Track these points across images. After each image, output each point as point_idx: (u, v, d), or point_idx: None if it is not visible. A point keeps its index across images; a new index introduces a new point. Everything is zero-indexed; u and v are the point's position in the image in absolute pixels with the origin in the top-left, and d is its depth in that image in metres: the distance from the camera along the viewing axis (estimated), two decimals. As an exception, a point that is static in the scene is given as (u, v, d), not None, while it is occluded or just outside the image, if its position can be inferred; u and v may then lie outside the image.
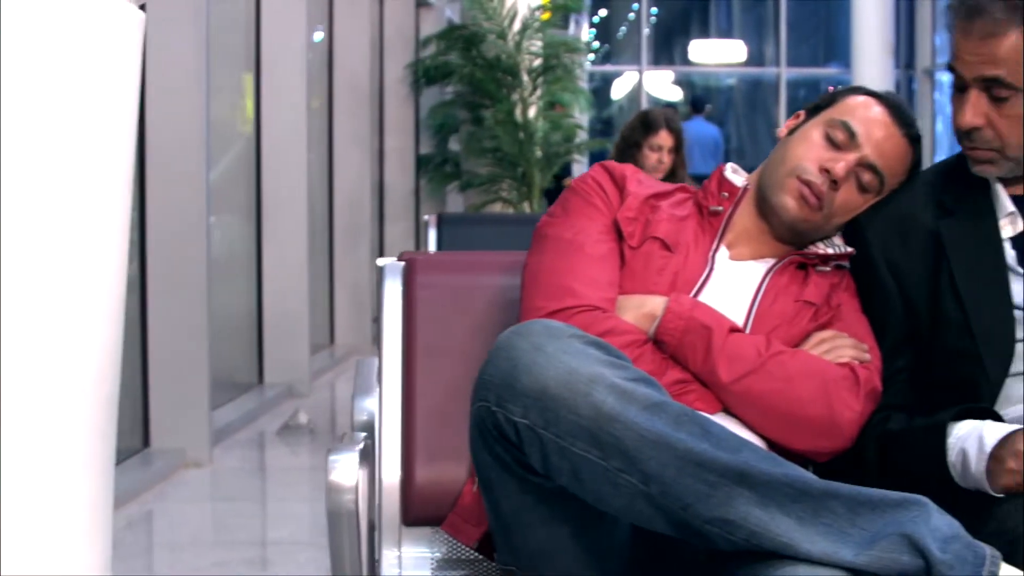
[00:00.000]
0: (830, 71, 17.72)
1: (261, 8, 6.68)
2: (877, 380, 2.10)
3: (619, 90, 18.53)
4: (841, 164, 2.18)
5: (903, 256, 2.17)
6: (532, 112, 8.47)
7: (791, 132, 2.28)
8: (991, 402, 2.07)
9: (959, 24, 2.10)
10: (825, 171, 2.18)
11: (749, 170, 2.34)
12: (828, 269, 2.22)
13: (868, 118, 2.22)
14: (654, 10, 19.77)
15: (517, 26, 8.50)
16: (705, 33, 19.62)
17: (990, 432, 1.96)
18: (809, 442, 2.06)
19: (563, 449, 1.64)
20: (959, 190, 2.19)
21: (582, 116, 10.24)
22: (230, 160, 6.75)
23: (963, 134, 2.13)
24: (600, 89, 18.45)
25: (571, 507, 1.72)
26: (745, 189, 2.26)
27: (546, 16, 11.85)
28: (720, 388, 2.05)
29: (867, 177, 2.20)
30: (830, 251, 2.23)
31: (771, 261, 2.21)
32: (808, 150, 2.21)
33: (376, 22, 9.17)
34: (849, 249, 2.23)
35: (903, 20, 16.73)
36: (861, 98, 2.26)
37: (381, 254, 8.78)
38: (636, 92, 17.24)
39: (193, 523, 5.08)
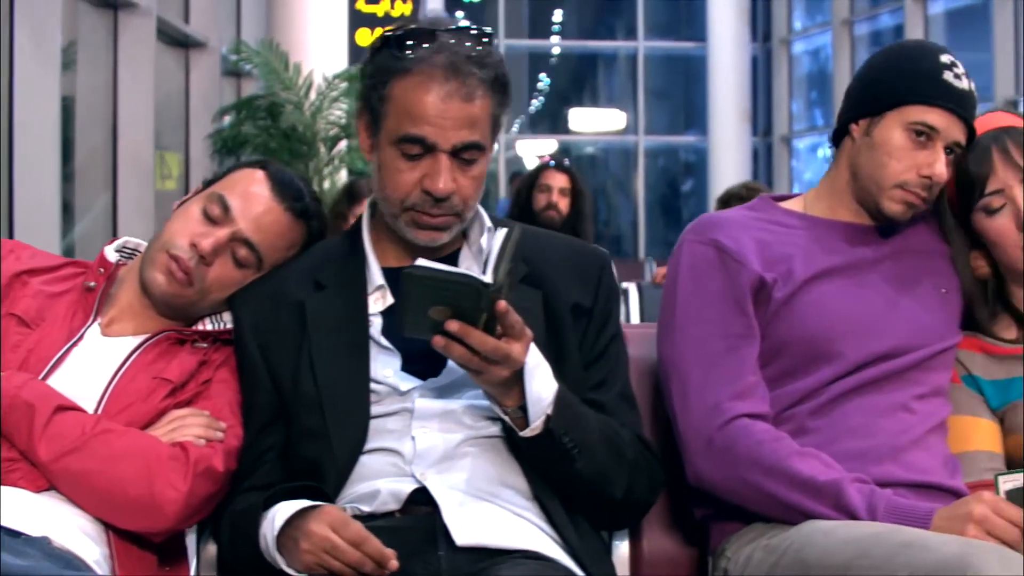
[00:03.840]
0: (688, 139, 17.88)
1: (14, 81, 6.62)
2: (218, 460, 2.06)
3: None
4: (210, 240, 2.15)
5: (273, 334, 2.14)
6: (328, 183, 8.44)
7: (180, 205, 2.26)
8: (337, 481, 2.04)
9: (437, 87, 2.00)
10: (194, 246, 2.15)
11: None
12: (206, 345, 2.19)
13: (248, 193, 2.20)
14: (547, 79, 19.97)
15: (313, 96, 8.49)
16: (579, 102, 19.76)
17: (281, 513, 1.93)
18: (132, 522, 2.02)
19: None
20: (335, 266, 2.16)
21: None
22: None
23: (428, 202, 2.04)
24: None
25: None
26: (118, 265, 2.24)
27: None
28: (42, 467, 2.00)
29: (243, 252, 2.18)
30: (210, 327, 2.21)
31: (146, 337, 2.18)
32: (184, 225, 2.19)
33: (180, 91, 9.14)
34: (228, 326, 2.20)
35: (760, 88, 16.96)
36: (247, 172, 2.24)
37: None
38: (496, 159, 17.35)
39: None
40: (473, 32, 2.04)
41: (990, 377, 2.27)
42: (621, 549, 2.30)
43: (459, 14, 18.47)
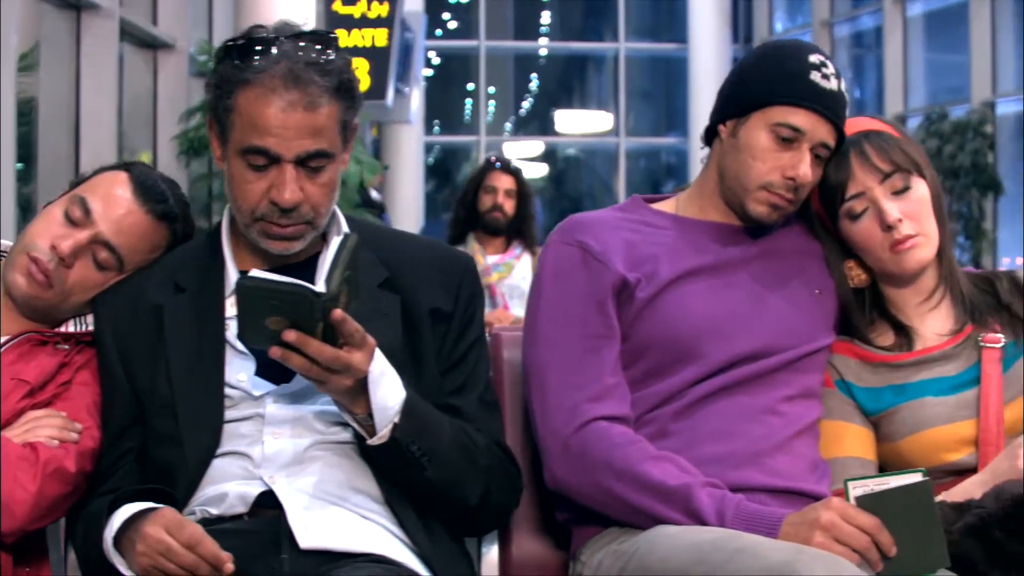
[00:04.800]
0: (669, 140, 17.87)
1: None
2: (70, 461, 2.05)
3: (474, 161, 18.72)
4: (69, 242, 2.15)
5: (132, 336, 2.13)
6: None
7: (45, 207, 2.26)
8: (189, 485, 2.04)
9: (278, 98, 1.98)
10: (54, 248, 2.15)
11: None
12: (68, 347, 2.19)
13: (109, 195, 2.20)
14: (536, 80, 19.98)
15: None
16: (567, 104, 19.76)
17: (120, 516, 1.94)
18: None
19: None
20: (195, 269, 2.16)
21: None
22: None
23: (276, 212, 2.03)
24: (443, 159, 18.58)
25: None
26: None
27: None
28: None
29: (103, 255, 2.18)
30: (73, 329, 2.21)
31: (7, 338, 2.17)
32: (45, 227, 2.19)
33: (148, 92, 9.14)
34: (89, 327, 2.20)
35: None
36: (110, 175, 2.24)
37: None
38: (476, 162, 17.39)
39: None
40: (316, 37, 2.03)
41: (863, 384, 2.25)
42: (491, 553, 2.31)
43: (445, 15, 18.50)
